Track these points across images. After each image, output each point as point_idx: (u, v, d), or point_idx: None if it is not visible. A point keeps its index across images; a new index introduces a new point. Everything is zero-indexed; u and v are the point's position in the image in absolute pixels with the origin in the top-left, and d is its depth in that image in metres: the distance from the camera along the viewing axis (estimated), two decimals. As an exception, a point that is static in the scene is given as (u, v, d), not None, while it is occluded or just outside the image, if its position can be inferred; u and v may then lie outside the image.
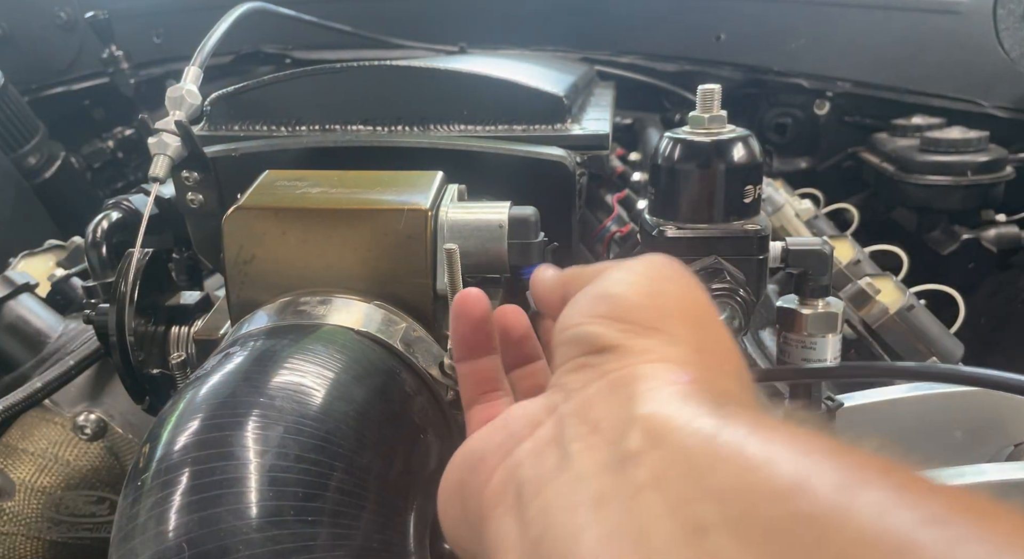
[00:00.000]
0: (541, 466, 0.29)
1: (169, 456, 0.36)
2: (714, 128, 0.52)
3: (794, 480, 0.22)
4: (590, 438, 0.28)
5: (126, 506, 0.35)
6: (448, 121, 0.63)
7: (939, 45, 1.18)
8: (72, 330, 0.75)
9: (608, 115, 0.72)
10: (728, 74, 1.34)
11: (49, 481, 0.67)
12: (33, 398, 0.64)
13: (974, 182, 1.10)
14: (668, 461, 0.24)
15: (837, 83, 1.28)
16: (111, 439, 0.70)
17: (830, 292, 0.54)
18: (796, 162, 1.36)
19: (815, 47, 1.28)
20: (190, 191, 0.61)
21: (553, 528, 0.26)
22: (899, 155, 1.15)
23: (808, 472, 0.22)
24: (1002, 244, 1.12)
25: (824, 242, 0.54)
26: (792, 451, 0.23)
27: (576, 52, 1.39)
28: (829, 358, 0.53)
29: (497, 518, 0.29)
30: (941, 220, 1.15)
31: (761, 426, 0.24)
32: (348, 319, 0.46)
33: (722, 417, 0.25)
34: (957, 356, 0.81)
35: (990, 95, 1.16)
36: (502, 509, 0.29)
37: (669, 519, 0.23)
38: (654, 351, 0.30)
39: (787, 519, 0.21)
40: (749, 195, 0.51)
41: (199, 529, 0.33)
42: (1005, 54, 1.13)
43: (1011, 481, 0.44)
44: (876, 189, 1.25)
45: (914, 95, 1.22)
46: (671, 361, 0.30)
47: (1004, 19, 1.12)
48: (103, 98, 1.50)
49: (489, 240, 0.49)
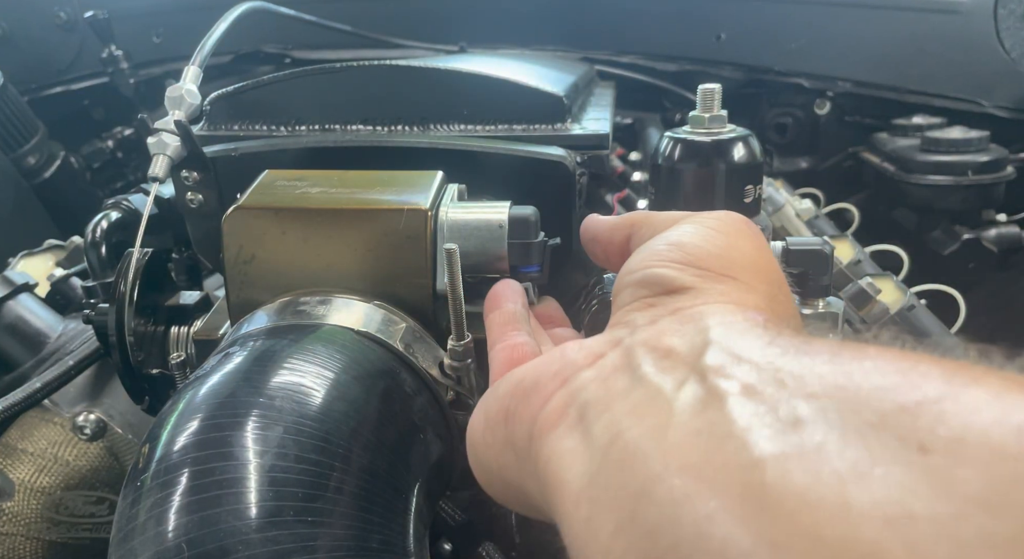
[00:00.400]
0: (609, 388, 0.27)
1: (169, 456, 0.36)
2: (714, 128, 0.52)
3: (896, 376, 0.20)
4: (663, 361, 0.26)
5: (126, 506, 0.35)
6: (448, 121, 0.62)
7: (940, 45, 1.18)
8: (71, 330, 0.75)
9: (608, 115, 0.72)
10: (728, 74, 1.34)
11: (48, 481, 0.67)
12: (33, 398, 0.64)
13: (975, 182, 1.09)
14: (756, 372, 0.23)
15: (838, 83, 1.28)
16: (111, 439, 0.70)
17: (831, 292, 0.54)
18: (797, 162, 1.36)
19: (815, 47, 1.28)
20: (190, 191, 0.61)
21: (627, 433, 0.24)
22: (900, 155, 1.15)
23: (912, 372, 0.20)
24: (1003, 244, 1.12)
25: (824, 242, 0.54)
26: (891, 356, 0.22)
27: (576, 51, 1.39)
28: (830, 358, 0.53)
29: (556, 437, 0.27)
30: (942, 220, 1.15)
31: (848, 345, 0.23)
32: (348, 319, 0.46)
33: (806, 338, 0.24)
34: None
35: (991, 95, 1.16)
36: (563, 429, 0.28)
37: (762, 417, 0.21)
38: (728, 294, 0.30)
39: (892, 411, 0.19)
40: (749, 195, 0.51)
41: (199, 529, 0.33)
42: (1006, 54, 1.13)
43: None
44: (877, 189, 1.25)
45: (915, 95, 1.22)
46: (744, 305, 0.29)
47: (1005, 19, 1.12)
48: (103, 98, 1.50)
49: (489, 240, 0.49)
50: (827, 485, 0.18)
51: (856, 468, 0.18)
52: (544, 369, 0.31)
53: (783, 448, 0.20)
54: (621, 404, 0.26)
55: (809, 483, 0.18)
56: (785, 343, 0.24)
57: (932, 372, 0.20)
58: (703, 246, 0.32)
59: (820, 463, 0.19)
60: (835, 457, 0.19)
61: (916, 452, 0.18)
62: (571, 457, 0.26)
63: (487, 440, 0.33)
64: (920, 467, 0.18)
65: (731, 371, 0.24)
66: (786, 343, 0.24)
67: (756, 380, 0.23)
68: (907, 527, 0.17)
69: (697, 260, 0.31)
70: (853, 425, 0.19)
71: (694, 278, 0.31)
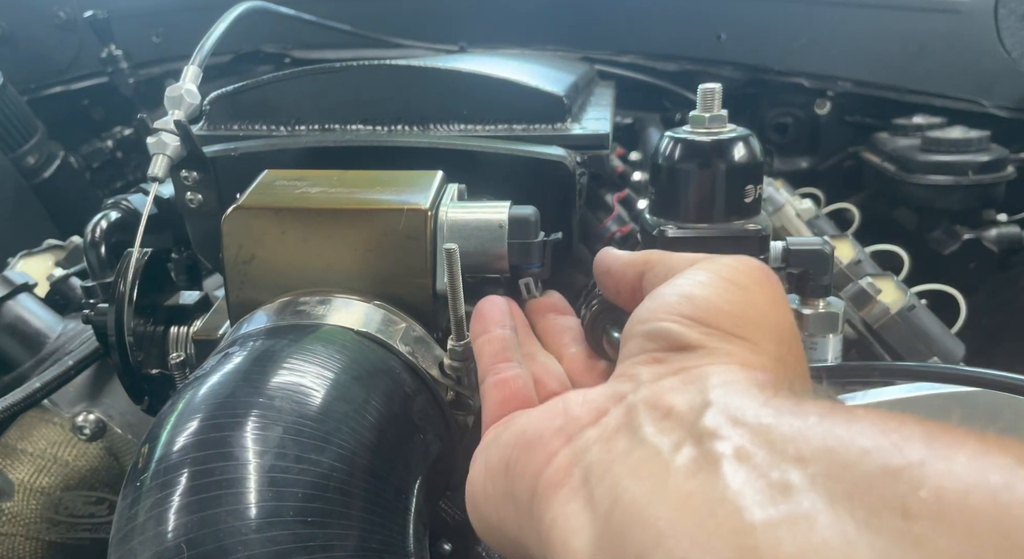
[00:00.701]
0: (611, 449, 0.27)
1: (168, 456, 0.36)
2: (715, 128, 0.52)
3: (881, 439, 0.21)
4: (663, 422, 0.27)
5: (125, 507, 0.35)
6: (448, 120, 0.62)
7: (940, 45, 1.18)
8: (71, 330, 0.75)
9: (608, 114, 0.72)
10: (729, 73, 1.34)
11: (48, 481, 0.67)
12: (32, 398, 0.63)
13: (975, 182, 1.09)
14: (749, 434, 0.24)
15: (838, 82, 1.28)
16: (110, 439, 0.69)
17: (831, 292, 0.54)
18: (797, 162, 1.36)
19: (816, 46, 1.28)
20: (189, 191, 0.61)
21: (626, 495, 0.24)
22: (900, 155, 1.15)
23: (895, 433, 0.21)
24: (1003, 244, 1.12)
25: (825, 242, 0.54)
26: (875, 419, 0.22)
27: (576, 51, 1.38)
28: (830, 358, 0.53)
29: (560, 501, 0.28)
30: (942, 220, 1.15)
31: (839, 407, 0.24)
32: (348, 319, 0.46)
33: (799, 399, 0.25)
34: (958, 356, 0.81)
35: (991, 95, 1.16)
36: (566, 492, 0.28)
37: (754, 482, 0.22)
38: (735, 355, 0.30)
39: (878, 474, 0.20)
40: (750, 195, 0.51)
41: (198, 530, 0.33)
42: (1006, 53, 1.13)
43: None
44: (877, 189, 1.25)
45: (915, 94, 1.22)
46: (751, 365, 0.29)
47: (1005, 19, 1.12)
48: (102, 98, 1.50)
49: (489, 240, 0.49)
50: (817, 554, 0.19)
51: (844, 536, 0.19)
52: (547, 423, 0.32)
53: (774, 515, 0.20)
54: (621, 466, 0.26)
55: (800, 551, 0.19)
56: (779, 404, 0.25)
57: (915, 434, 0.21)
58: (715, 301, 0.31)
59: (810, 532, 0.19)
60: (824, 526, 0.19)
61: (900, 518, 0.19)
62: (576, 521, 0.26)
63: (487, 490, 0.33)
64: (903, 535, 0.19)
65: (726, 433, 0.24)
66: (779, 404, 0.25)
67: (749, 442, 0.23)
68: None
69: (707, 316, 0.31)
70: (841, 491, 0.20)
71: (702, 336, 0.30)
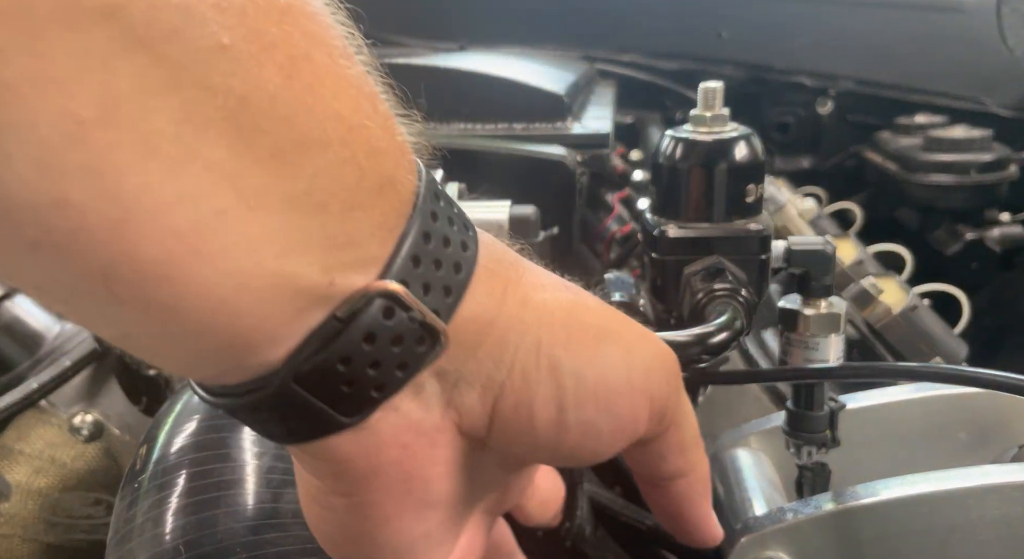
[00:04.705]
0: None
1: (166, 458, 0.36)
2: (716, 127, 0.51)
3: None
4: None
5: (123, 508, 0.35)
6: (448, 119, 0.62)
7: (942, 43, 1.18)
8: (68, 330, 0.74)
9: (609, 113, 0.72)
10: (730, 72, 1.33)
11: (45, 482, 0.66)
12: (29, 399, 0.63)
13: (978, 181, 1.09)
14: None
15: (840, 81, 1.28)
16: (108, 440, 0.69)
17: (833, 292, 0.54)
18: (798, 161, 1.36)
19: (818, 45, 1.28)
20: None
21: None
22: (902, 154, 1.15)
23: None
24: (1006, 244, 1.12)
25: (827, 242, 0.54)
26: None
27: (577, 50, 1.38)
28: (832, 358, 0.53)
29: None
30: (945, 220, 1.15)
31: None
32: (347, 319, 0.46)
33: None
34: (961, 357, 0.81)
35: (994, 94, 1.16)
36: None
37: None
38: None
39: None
40: (751, 194, 0.51)
41: (196, 531, 0.32)
42: (1009, 52, 1.12)
43: (1015, 483, 0.43)
44: (879, 188, 1.24)
45: (917, 93, 1.22)
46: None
47: (1008, 17, 1.12)
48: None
49: (489, 240, 0.49)
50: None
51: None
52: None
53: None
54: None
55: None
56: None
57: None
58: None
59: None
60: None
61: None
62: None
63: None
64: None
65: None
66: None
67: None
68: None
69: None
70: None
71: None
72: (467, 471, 0.27)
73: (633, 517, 0.57)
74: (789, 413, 0.51)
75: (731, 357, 0.68)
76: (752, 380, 0.70)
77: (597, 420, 0.26)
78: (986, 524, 0.43)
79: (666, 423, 0.29)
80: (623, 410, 0.27)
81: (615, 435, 0.27)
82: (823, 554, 0.44)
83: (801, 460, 0.50)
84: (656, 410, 0.28)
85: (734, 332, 0.43)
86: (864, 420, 0.56)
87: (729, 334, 0.42)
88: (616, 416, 0.26)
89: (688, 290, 0.47)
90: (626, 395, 0.26)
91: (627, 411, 0.27)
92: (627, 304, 0.47)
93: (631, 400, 0.27)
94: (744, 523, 0.46)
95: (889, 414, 0.57)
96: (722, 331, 0.42)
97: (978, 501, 0.42)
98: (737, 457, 0.56)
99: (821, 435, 0.49)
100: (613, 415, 0.26)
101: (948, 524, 0.43)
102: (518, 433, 0.26)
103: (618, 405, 0.26)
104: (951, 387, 0.56)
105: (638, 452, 0.30)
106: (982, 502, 0.42)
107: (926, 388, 0.57)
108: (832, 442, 0.50)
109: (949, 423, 0.57)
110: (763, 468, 0.55)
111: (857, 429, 0.55)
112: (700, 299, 0.45)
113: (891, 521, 0.43)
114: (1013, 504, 0.42)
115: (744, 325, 0.47)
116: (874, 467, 0.49)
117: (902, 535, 0.43)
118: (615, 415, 0.26)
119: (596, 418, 0.26)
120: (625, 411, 0.27)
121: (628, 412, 0.27)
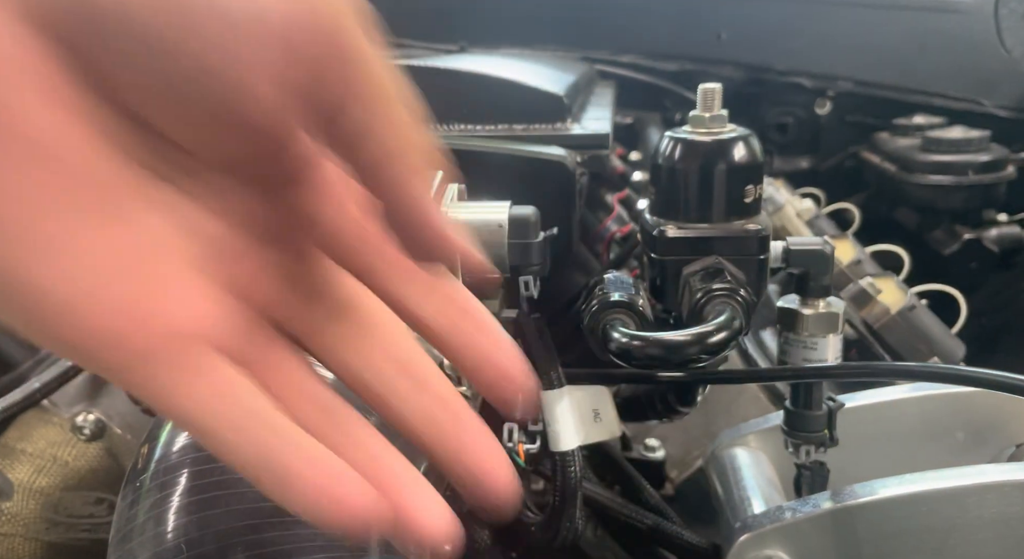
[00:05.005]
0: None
1: (168, 457, 0.36)
2: (715, 127, 0.51)
3: None
4: None
5: (124, 507, 0.35)
6: (447, 120, 0.62)
7: (940, 44, 1.18)
8: (71, 330, 0.74)
9: (608, 114, 0.72)
10: (729, 73, 1.34)
11: (47, 482, 0.67)
12: (31, 398, 0.63)
13: (976, 182, 1.09)
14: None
15: (838, 82, 1.28)
16: (110, 440, 0.69)
17: (831, 292, 0.54)
18: (797, 161, 1.36)
19: (816, 46, 1.28)
20: (189, 191, 0.61)
21: None
22: (900, 155, 1.15)
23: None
24: (1004, 244, 1.12)
25: (825, 242, 0.54)
26: None
27: (576, 51, 1.38)
28: (830, 358, 0.53)
29: None
30: (943, 220, 1.15)
31: None
32: (347, 319, 0.46)
33: None
34: (959, 357, 0.81)
35: (992, 94, 1.16)
36: None
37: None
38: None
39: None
40: (750, 195, 0.51)
41: (198, 530, 0.33)
42: (1007, 53, 1.13)
43: (1013, 482, 0.44)
44: (877, 189, 1.25)
45: (916, 94, 1.22)
46: None
47: (1006, 18, 1.12)
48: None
49: (489, 240, 0.49)
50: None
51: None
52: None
53: None
54: None
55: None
56: None
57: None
58: None
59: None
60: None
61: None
62: None
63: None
64: None
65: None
66: None
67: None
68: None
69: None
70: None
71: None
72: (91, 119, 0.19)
73: (633, 517, 0.57)
74: (788, 412, 0.51)
75: (730, 357, 0.68)
76: (751, 380, 0.70)
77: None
78: (983, 523, 0.43)
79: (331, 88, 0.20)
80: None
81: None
82: (821, 553, 0.44)
83: (800, 459, 0.50)
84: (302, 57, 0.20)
85: (733, 332, 0.43)
86: (862, 419, 0.56)
87: (728, 334, 0.43)
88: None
89: (687, 290, 0.47)
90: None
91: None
92: (626, 304, 0.48)
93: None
94: (743, 522, 0.46)
95: (887, 413, 0.57)
96: (721, 331, 0.42)
97: (976, 500, 0.43)
98: (736, 456, 0.56)
99: (819, 434, 0.50)
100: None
101: (946, 523, 0.43)
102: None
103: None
104: (949, 387, 0.57)
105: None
106: (980, 501, 0.43)
107: (924, 388, 0.58)
108: (830, 441, 0.50)
109: (947, 422, 0.57)
110: (762, 467, 0.56)
111: (855, 428, 0.55)
112: (699, 299, 0.46)
113: (889, 520, 0.44)
114: (1010, 503, 0.43)
115: (743, 325, 0.47)
116: (872, 466, 0.50)
117: (900, 534, 0.43)
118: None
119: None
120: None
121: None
